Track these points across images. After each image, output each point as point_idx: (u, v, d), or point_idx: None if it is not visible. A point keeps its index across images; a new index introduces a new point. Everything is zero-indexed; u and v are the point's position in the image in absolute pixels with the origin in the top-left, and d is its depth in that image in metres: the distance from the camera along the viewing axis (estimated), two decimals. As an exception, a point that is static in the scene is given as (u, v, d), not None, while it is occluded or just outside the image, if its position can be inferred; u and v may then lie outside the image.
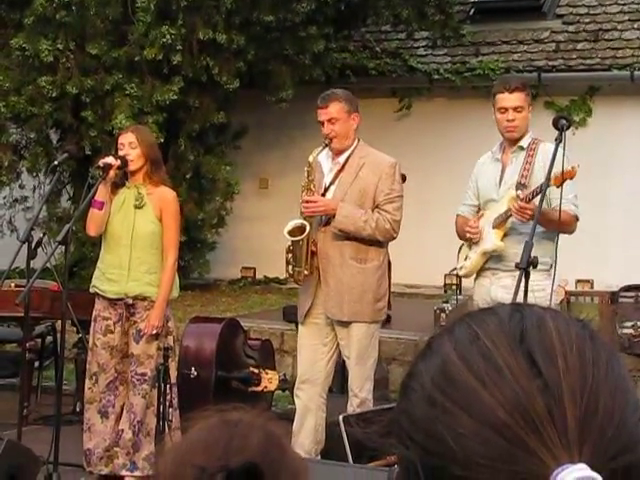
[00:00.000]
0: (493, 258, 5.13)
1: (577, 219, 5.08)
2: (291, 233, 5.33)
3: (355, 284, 5.32)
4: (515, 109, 5.10)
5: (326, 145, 5.37)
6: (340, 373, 6.02)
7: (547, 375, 0.83)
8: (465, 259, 5.29)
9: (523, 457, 0.80)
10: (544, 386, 0.82)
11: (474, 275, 5.28)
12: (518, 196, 4.91)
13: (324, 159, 5.45)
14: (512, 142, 5.18)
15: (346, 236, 5.32)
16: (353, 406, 5.36)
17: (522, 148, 5.14)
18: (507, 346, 0.85)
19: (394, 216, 5.33)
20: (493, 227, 5.10)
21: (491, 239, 5.11)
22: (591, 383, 0.83)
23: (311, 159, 5.36)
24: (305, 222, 5.32)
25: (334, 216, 5.29)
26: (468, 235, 5.22)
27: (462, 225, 5.29)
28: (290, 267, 5.40)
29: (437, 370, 0.87)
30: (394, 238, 5.44)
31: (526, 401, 0.82)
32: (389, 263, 5.53)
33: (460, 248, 5.39)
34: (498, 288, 5.00)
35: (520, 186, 4.99)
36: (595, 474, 0.79)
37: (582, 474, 0.79)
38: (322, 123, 5.38)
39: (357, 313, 5.32)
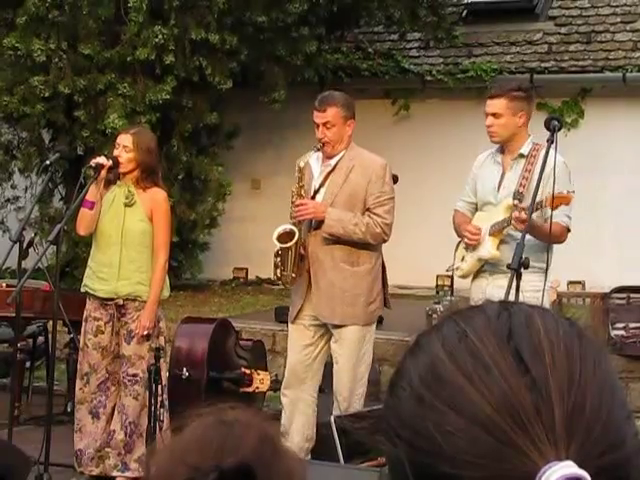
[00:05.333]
0: (490, 262, 5.12)
1: (568, 230, 5.05)
2: (280, 239, 5.27)
3: (347, 287, 5.27)
4: (493, 115, 5.09)
5: (318, 149, 5.29)
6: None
7: (534, 372, 0.83)
8: (462, 260, 5.27)
9: (510, 454, 0.80)
10: (531, 383, 0.82)
11: (471, 276, 5.28)
12: (515, 205, 4.89)
13: (314, 162, 5.37)
14: (511, 148, 5.14)
15: (336, 240, 5.26)
16: (339, 410, 5.24)
17: (522, 156, 5.09)
18: (495, 344, 0.85)
19: (385, 219, 5.26)
20: (490, 234, 5.07)
21: (487, 247, 5.08)
22: (578, 380, 0.83)
23: (302, 164, 5.26)
24: (294, 227, 5.26)
25: (324, 220, 5.24)
26: (466, 240, 5.21)
27: (461, 224, 5.24)
28: (278, 270, 5.36)
29: (425, 368, 0.87)
30: (385, 241, 5.37)
31: (514, 398, 0.82)
32: (383, 265, 5.48)
33: (457, 246, 5.34)
34: (494, 288, 4.99)
35: (518, 195, 4.97)
36: (582, 471, 0.79)
37: (569, 471, 0.79)
38: (317, 125, 5.28)
39: (349, 316, 5.28)
